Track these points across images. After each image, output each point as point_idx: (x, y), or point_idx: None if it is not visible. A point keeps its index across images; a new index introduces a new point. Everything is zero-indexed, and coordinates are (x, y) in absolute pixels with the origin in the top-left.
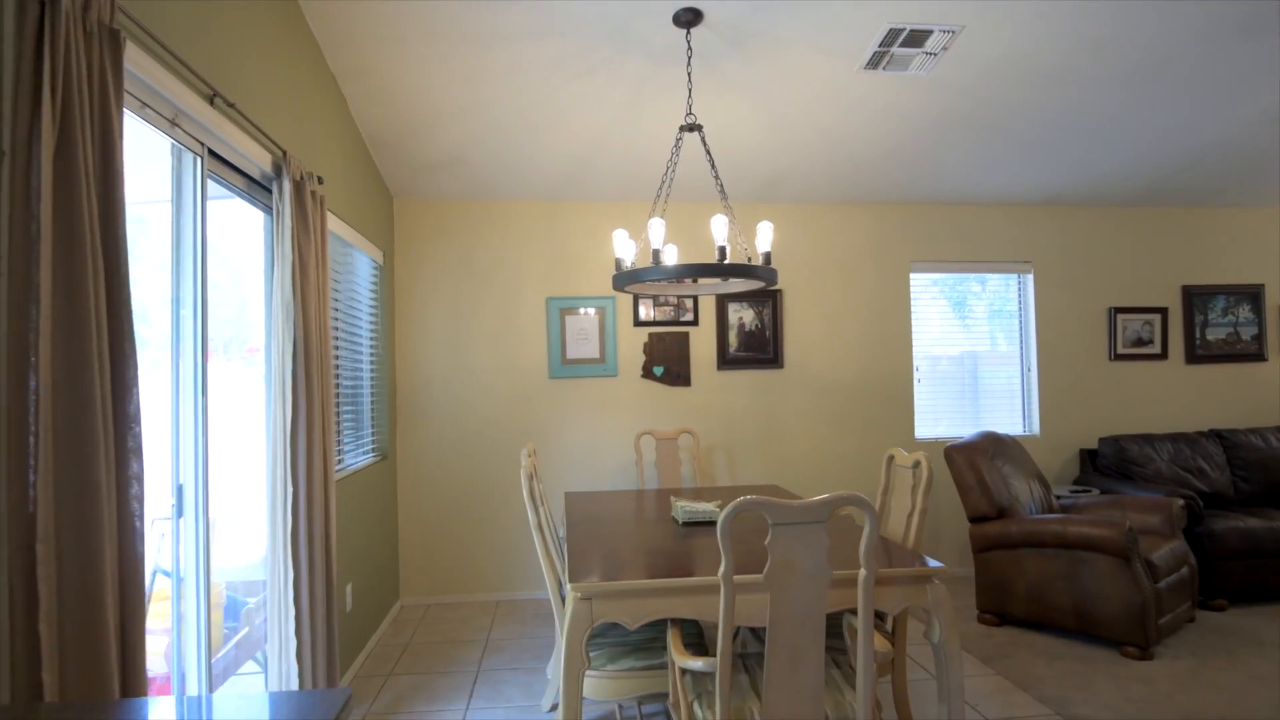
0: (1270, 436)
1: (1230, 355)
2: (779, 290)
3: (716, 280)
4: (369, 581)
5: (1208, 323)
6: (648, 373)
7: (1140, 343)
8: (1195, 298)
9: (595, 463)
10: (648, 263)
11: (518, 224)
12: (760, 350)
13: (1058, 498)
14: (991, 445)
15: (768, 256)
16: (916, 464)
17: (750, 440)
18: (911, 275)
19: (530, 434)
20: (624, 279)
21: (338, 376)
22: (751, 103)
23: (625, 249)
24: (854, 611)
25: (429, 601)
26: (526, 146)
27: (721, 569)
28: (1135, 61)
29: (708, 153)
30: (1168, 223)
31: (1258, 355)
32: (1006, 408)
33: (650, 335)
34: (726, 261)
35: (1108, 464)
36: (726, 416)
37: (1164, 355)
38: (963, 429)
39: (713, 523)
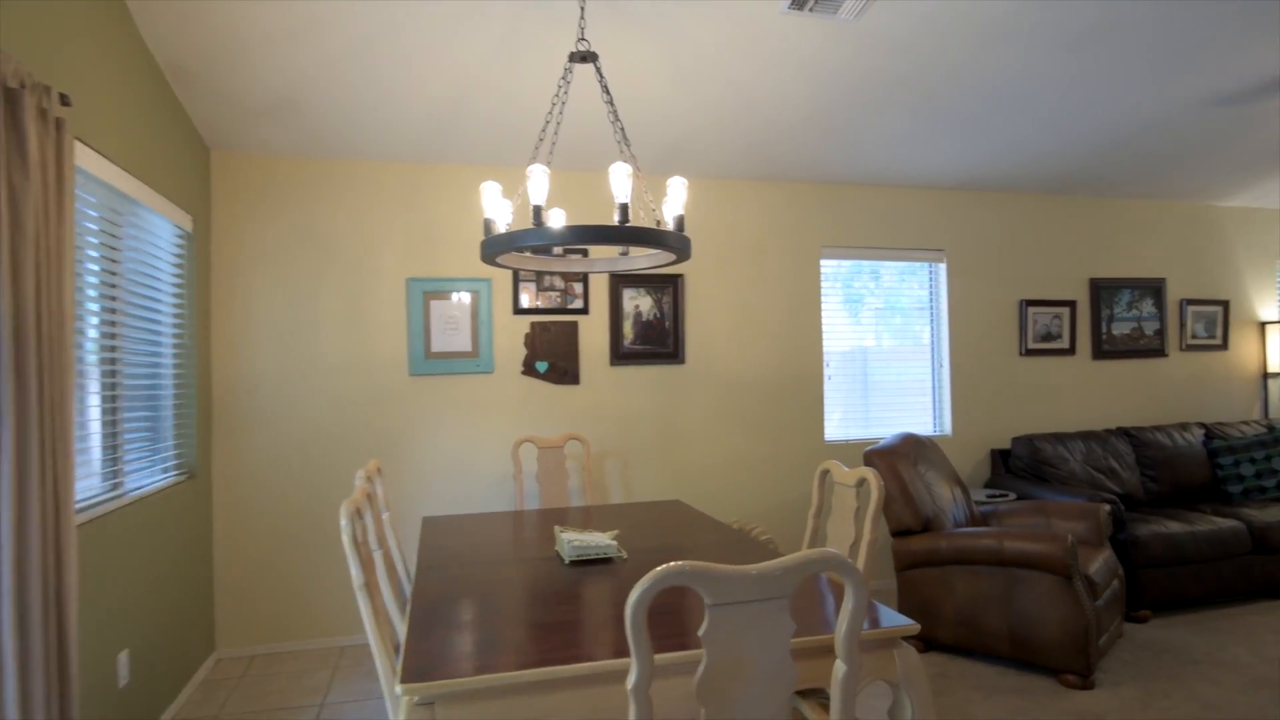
0: (1175, 434)
1: (1134, 351)
2: (680, 276)
3: (616, 254)
4: (164, 637)
5: (1113, 317)
6: (529, 369)
7: (1049, 337)
8: (1102, 291)
9: (466, 477)
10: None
11: (372, 189)
12: (659, 343)
13: (977, 504)
14: (913, 449)
15: (680, 222)
16: (862, 482)
17: (648, 446)
18: (823, 262)
19: (384, 444)
20: (495, 246)
21: (114, 372)
22: (656, 47)
23: (497, 208)
24: (806, 693)
25: (253, 652)
26: (377, 89)
27: (632, 679)
28: (1086, 21)
29: (604, 90)
30: (1077, 213)
31: (1159, 351)
32: (917, 406)
33: (533, 325)
34: (629, 225)
35: (1021, 465)
36: (621, 419)
37: (1072, 350)
38: (871, 430)
39: (608, 560)
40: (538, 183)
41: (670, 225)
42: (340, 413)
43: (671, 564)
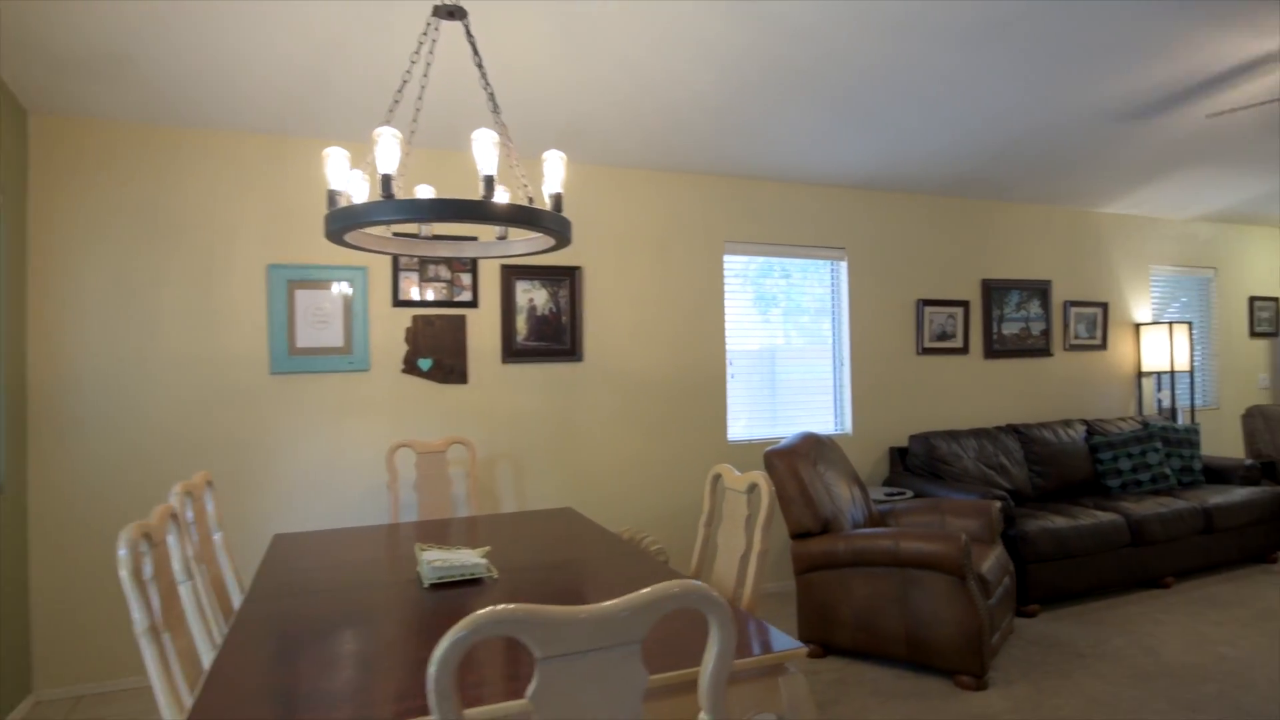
0: (1060, 431)
1: (1023, 350)
2: (578, 268)
3: (493, 237)
4: None
5: (1004, 317)
6: (411, 366)
7: (945, 336)
8: (994, 292)
9: (335, 488)
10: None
11: (227, 163)
12: (555, 339)
13: (875, 503)
14: (813, 449)
15: (558, 201)
16: (753, 488)
17: (543, 449)
18: (729, 259)
19: (240, 451)
20: (339, 221)
21: None
22: (547, 21)
23: (346, 179)
24: None
25: (79, 692)
26: (228, 50)
27: None
28: (982, 18)
29: (474, 51)
30: (971, 216)
31: (1045, 350)
32: (818, 405)
33: (416, 319)
34: (496, 200)
35: (918, 463)
36: (513, 421)
37: (965, 350)
38: (780, 430)
39: (477, 581)
40: (387, 149)
41: (548, 205)
42: (185, 416)
43: (486, 611)
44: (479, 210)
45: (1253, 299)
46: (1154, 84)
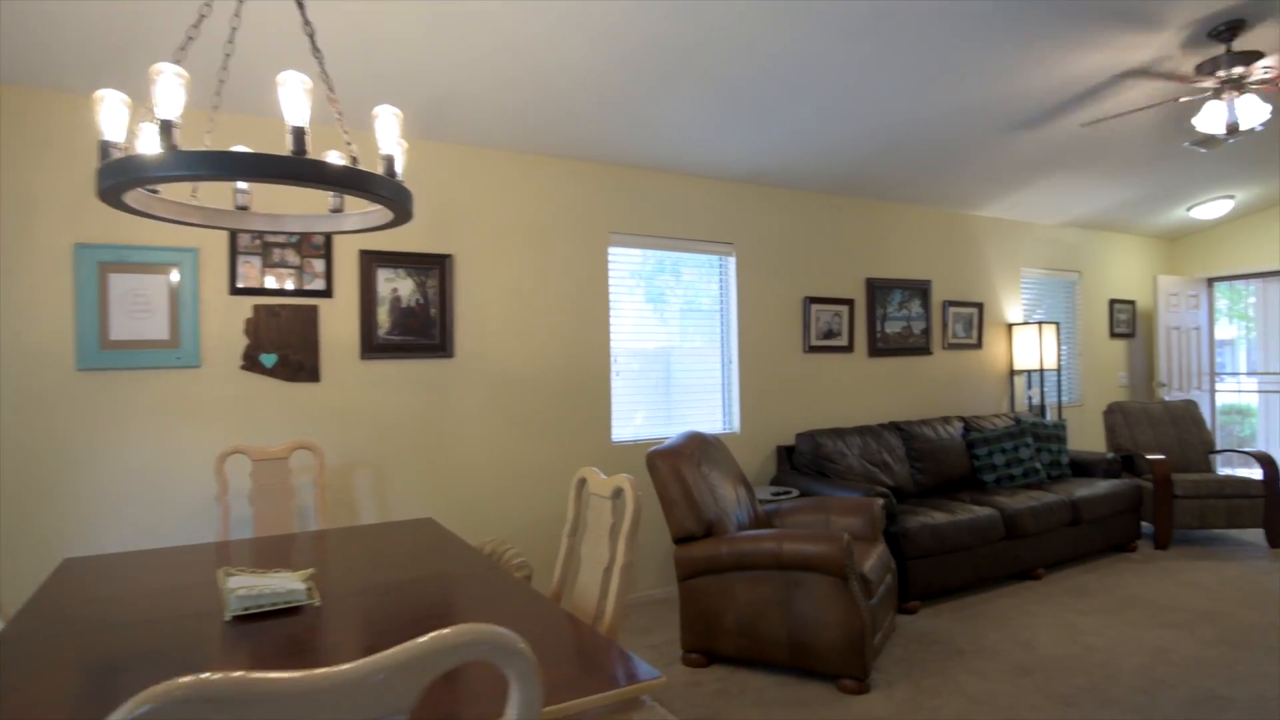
0: (939, 428)
1: (905, 349)
2: (449, 256)
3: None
4: None
5: (887, 316)
6: (252, 363)
7: (831, 334)
8: (878, 291)
9: (156, 503)
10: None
11: (20, 124)
12: (423, 334)
13: (761, 503)
14: (698, 448)
15: (391, 165)
16: (618, 493)
17: (408, 454)
18: (611, 250)
19: (39, 458)
20: (112, 175)
21: None
22: None
23: (122, 127)
24: None
25: None
26: None
27: None
28: (867, 7)
29: (299, 4)
30: (856, 214)
31: (925, 349)
32: (707, 404)
33: (258, 309)
34: (312, 158)
35: (805, 461)
36: (374, 423)
37: (850, 348)
38: (668, 430)
39: (295, 610)
40: (169, 89)
41: (381, 169)
42: None
43: (161, 689)
44: (287, 168)
45: (1113, 301)
46: (1030, 92)
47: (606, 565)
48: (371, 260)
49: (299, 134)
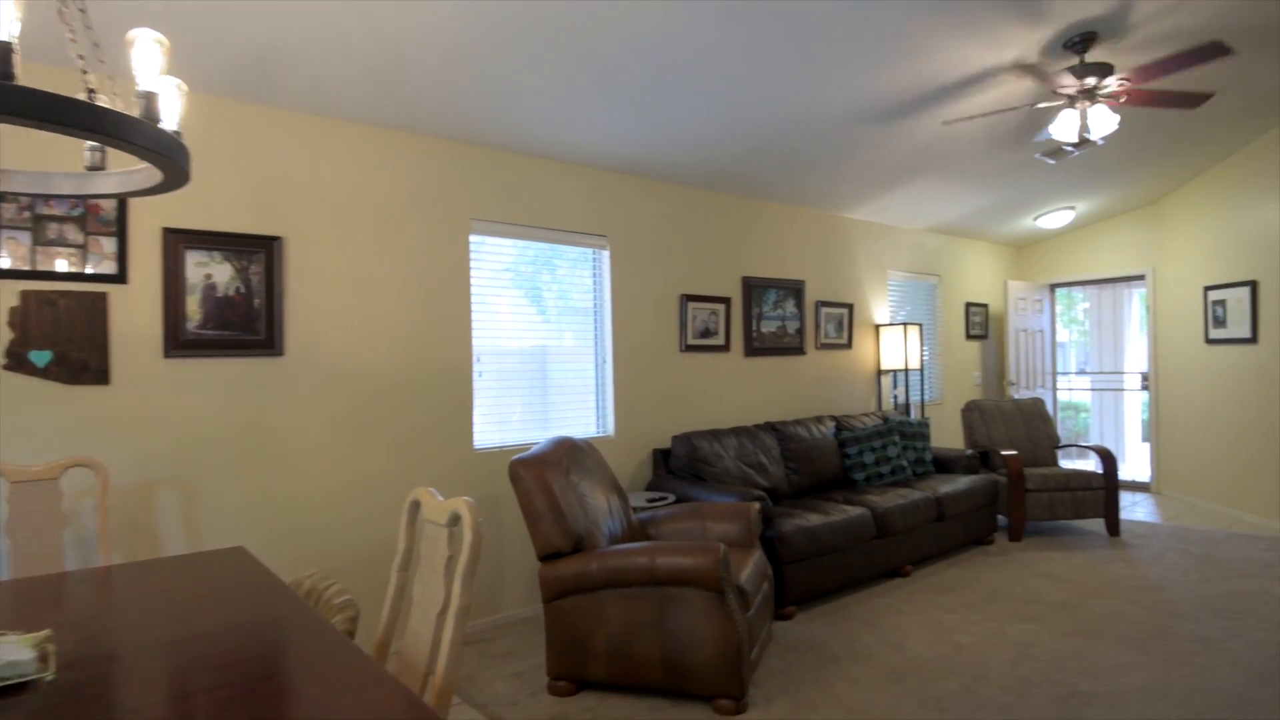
0: (812, 427)
1: (780, 348)
2: (278, 239)
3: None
4: None
5: (762, 315)
6: (19, 361)
7: (708, 334)
8: (753, 290)
9: None
10: None
11: None
12: (245, 328)
13: (635, 510)
14: (566, 455)
15: (151, 107)
16: (455, 520)
17: (225, 471)
18: (473, 238)
19: None
20: None
21: None
22: None
23: None
24: None
25: None
26: None
27: None
28: None
29: None
30: (733, 211)
31: (799, 349)
32: (581, 406)
33: (28, 296)
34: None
35: (681, 464)
36: (181, 433)
37: (727, 347)
38: (538, 433)
39: (16, 690)
40: None
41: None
42: None
43: None
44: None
45: (968, 304)
46: (894, 88)
47: (440, 608)
48: (178, 240)
49: (4, 55)
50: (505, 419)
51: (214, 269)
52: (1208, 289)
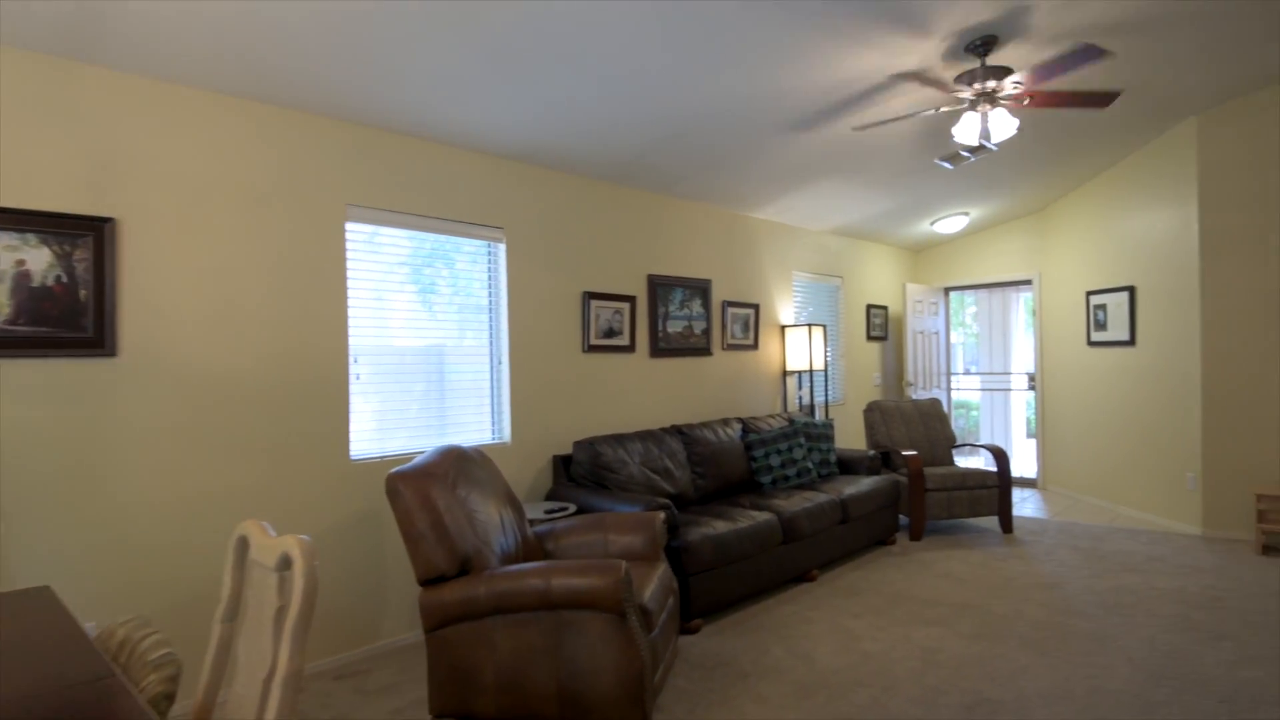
0: (719, 430)
1: (686, 349)
2: (110, 221)
3: None
4: None
5: (668, 315)
6: None
7: (612, 333)
8: (659, 288)
9: None
10: None
11: None
12: (67, 324)
13: (532, 523)
14: (453, 467)
15: None
16: (285, 563)
17: (39, 492)
18: (350, 226)
19: None
20: None
21: None
22: None
23: None
24: None
25: None
26: None
27: None
28: None
29: None
30: (638, 206)
31: (706, 349)
32: (475, 411)
33: None
34: None
35: (583, 471)
36: None
37: (632, 348)
38: (435, 439)
39: None
40: None
41: None
42: None
43: None
44: None
45: (869, 306)
46: (795, 88)
47: (267, 673)
48: None
49: None
50: (390, 425)
51: (28, 254)
52: (1090, 294)
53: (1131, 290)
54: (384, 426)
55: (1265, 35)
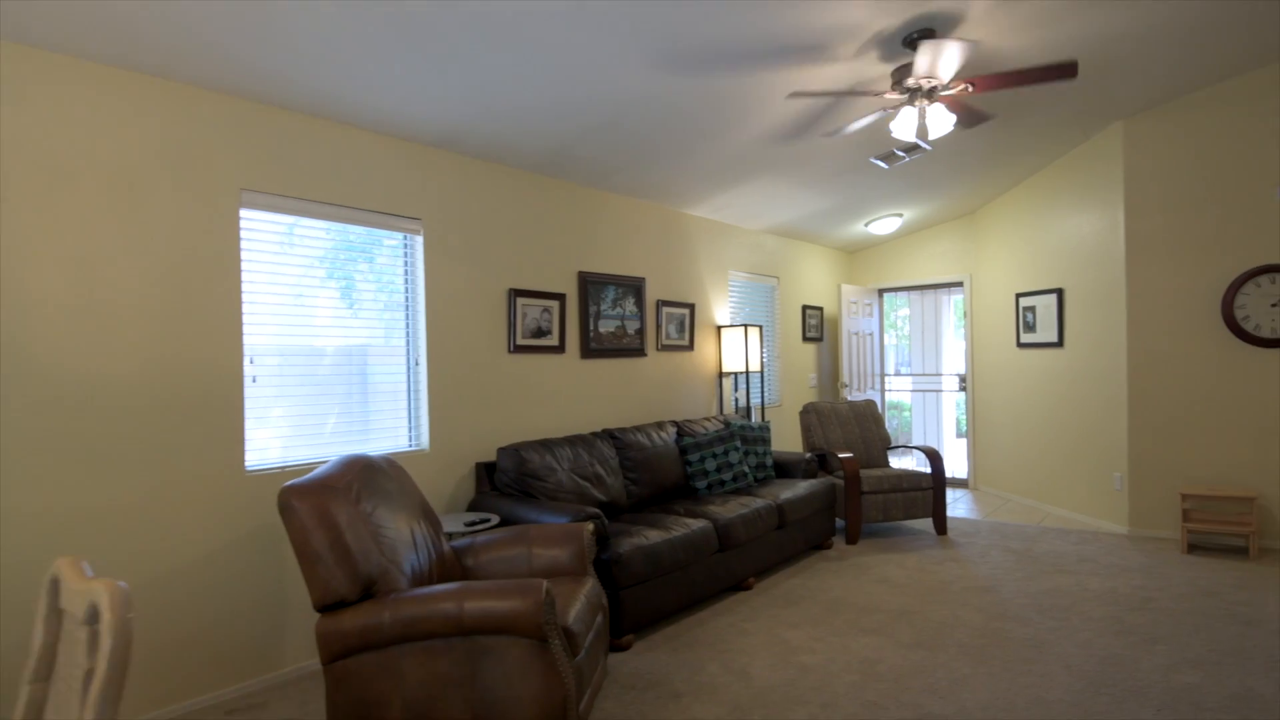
0: (653, 434)
1: (619, 350)
2: None
3: None
4: None
5: (600, 314)
6: None
7: (540, 333)
8: (590, 286)
9: None
10: None
11: None
12: None
13: (450, 537)
14: (358, 478)
15: None
16: (93, 615)
17: None
18: (245, 213)
19: None
20: None
21: None
22: None
23: None
24: None
25: None
26: None
27: None
28: None
29: None
30: (568, 200)
31: (640, 350)
32: (391, 416)
33: None
34: None
35: (508, 480)
36: None
37: (562, 348)
38: (344, 450)
39: None
40: None
41: None
42: None
43: None
44: None
45: (805, 307)
46: (733, 73)
47: None
48: None
49: None
50: (304, 433)
51: None
52: (1019, 296)
53: (1060, 292)
54: (298, 433)
55: (1189, 42)
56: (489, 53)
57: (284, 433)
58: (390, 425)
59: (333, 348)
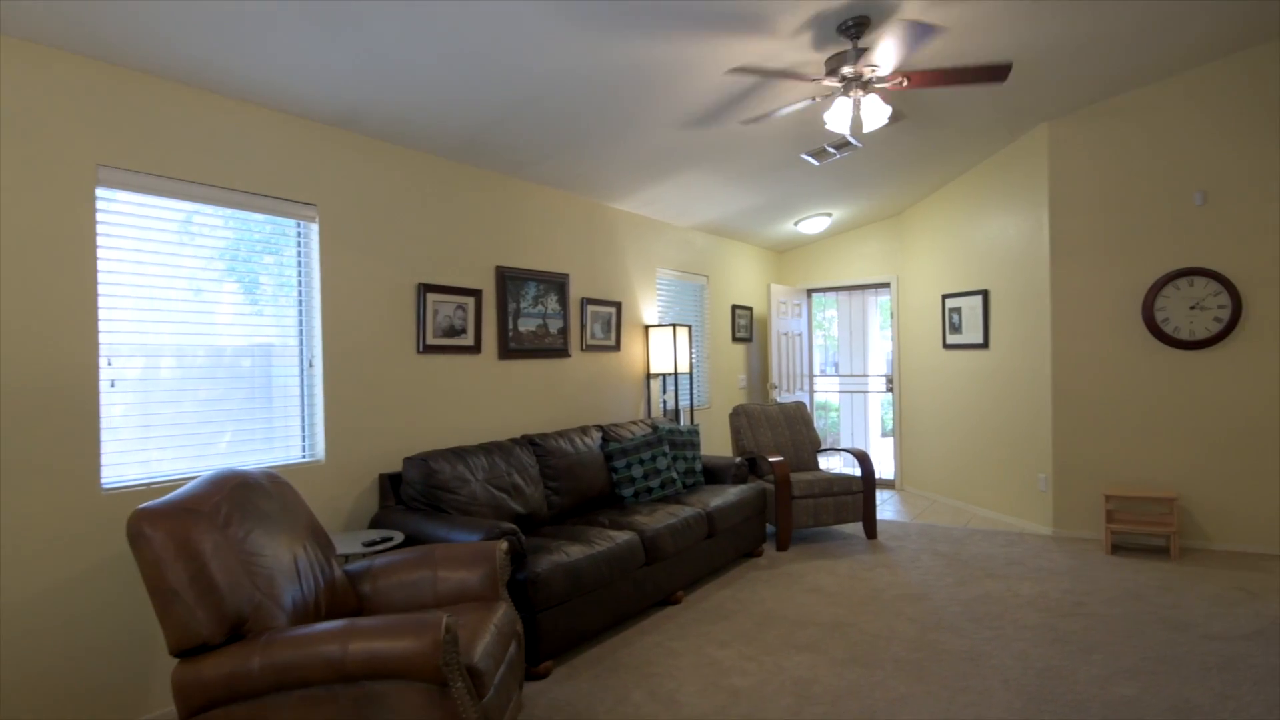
0: (576, 439)
1: (541, 350)
2: None
3: None
4: None
5: (520, 312)
6: None
7: (453, 332)
8: (510, 282)
9: None
10: None
11: None
12: None
13: (346, 560)
14: (228, 499)
15: None
16: None
17: None
18: (103, 193)
19: None
20: None
21: None
22: None
23: None
24: None
25: None
26: None
27: None
28: None
29: None
30: (485, 189)
31: (563, 350)
32: (282, 423)
33: None
34: None
35: (415, 493)
36: None
37: (478, 348)
38: (232, 462)
39: None
40: None
41: None
42: None
43: None
44: None
45: (734, 307)
46: (659, 52)
47: None
48: None
49: None
50: (179, 444)
51: None
52: (945, 297)
53: (985, 294)
54: (176, 445)
55: (1113, 44)
56: (394, 20)
57: (160, 444)
58: (280, 434)
59: (231, 348)
